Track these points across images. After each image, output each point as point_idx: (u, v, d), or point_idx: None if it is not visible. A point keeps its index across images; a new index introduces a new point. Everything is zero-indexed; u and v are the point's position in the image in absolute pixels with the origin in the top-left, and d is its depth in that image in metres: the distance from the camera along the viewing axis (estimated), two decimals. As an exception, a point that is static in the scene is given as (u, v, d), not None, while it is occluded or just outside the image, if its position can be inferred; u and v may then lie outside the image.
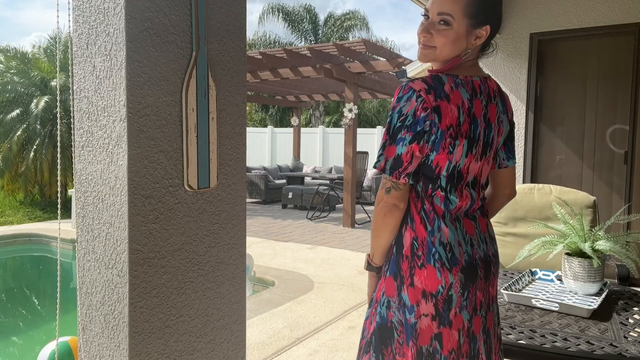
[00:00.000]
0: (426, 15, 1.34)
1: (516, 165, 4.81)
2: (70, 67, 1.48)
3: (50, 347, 2.22)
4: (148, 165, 1.39)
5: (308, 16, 20.64)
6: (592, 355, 1.44)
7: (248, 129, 15.97)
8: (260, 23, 20.45)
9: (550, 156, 4.54)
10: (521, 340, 1.55)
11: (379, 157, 1.33)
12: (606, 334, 1.59)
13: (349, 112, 8.17)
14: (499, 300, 1.92)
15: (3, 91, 10.26)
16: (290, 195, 9.97)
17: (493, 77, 4.67)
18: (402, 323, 1.33)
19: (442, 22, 1.30)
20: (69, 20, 1.47)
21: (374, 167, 1.36)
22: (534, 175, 4.57)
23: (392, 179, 1.30)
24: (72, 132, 1.51)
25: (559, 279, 2.15)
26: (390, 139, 1.30)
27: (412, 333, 1.31)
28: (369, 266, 1.46)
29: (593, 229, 1.99)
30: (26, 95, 10.28)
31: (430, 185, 1.33)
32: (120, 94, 1.34)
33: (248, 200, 11.02)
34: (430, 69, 1.40)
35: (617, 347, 1.49)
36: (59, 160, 1.74)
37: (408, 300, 1.32)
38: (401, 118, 1.28)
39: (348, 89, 8.27)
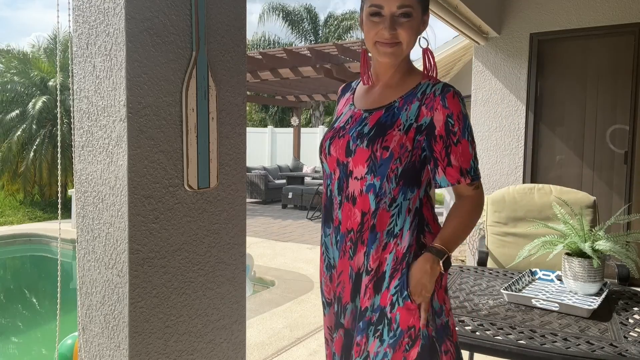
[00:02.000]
0: (377, 13, 1.22)
1: (516, 165, 4.79)
2: (70, 67, 1.48)
3: (69, 340, 2.22)
4: (148, 165, 1.39)
5: (308, 16, 20.64)
6: (592, 355, 1.44)
7: (248, 129, 15.96)
8: (260, 23, 20.47)
9: (550, 156, 4.54)
10: (521, 340, 1.55)
11: (477, 166, 1.27)
12: (606, 334, 1.59)
13: (349, 112, 8.16)
14: (499, 300, 1.92)
15: (3, 91, 10.26)
16: (290, 195, 9.97)
17: (493, 77, 4.69)
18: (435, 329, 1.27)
19: (403, 15, 1.21)
20: (69, 20, 1.47)
21: (475, 180, 1.26)
22: (534, 175, 4.57)
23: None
24: (72, 132, 1.51)
25: (559, 279, 2.15)
26: (473, 144, 1.29)
27: (447, 333, 1.28)
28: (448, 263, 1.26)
29: (593, 229, 1.99)
30: (26, 95, 10.28)
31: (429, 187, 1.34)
32: (120, 94, 1.34)
33: (248, 200, 11.02)
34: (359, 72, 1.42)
35: (617, 347, 1.49)
36: (59, 161, 1.74)
37: (437, 303, 1.27)
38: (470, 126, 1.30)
39: (348, 89, 8.26)
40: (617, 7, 4.15)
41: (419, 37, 1.28)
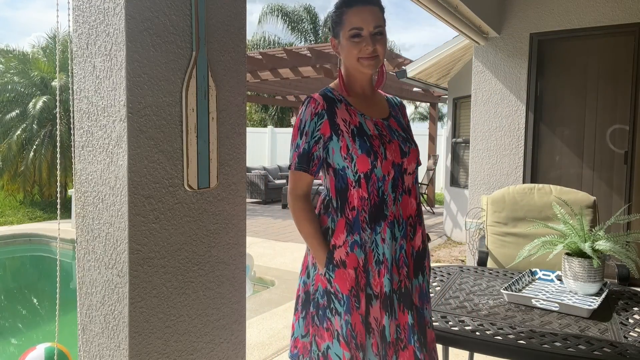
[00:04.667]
0: (358, 34, 1.44)
1: (516, 165, 4.77)
2: (70, 67, 1.48)
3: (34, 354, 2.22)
4: (148, 165, 1.39)
5: (308, 16, 20.63)
6: (592, 355, 1.44)
7: (248, 129, 15.94)
8: (260, 23, 20.44)
9: (550, 156, 4.54)
10: (521, 340, 1.55)
11: None
12: (606, 334, 1.59)
13: (349, 112, 8.15)
14: (499, 300, 1.92)
15: (3, 91, 10.26)
16: (290, 195, 9.94)
17: (493, 77, 4.69)
18: None
19: (378, 33, 1.45)
20: (69, 20, 1.47)
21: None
22: (534, 175, 4.57)
23: None
24: (72, 132, 1.51)
25: (559, 279, 2.15)
26: None
27: None
28: None
29: (593, 229, 1.99)
30: (26, 95, 10.28)
31: None
32: (120, 94, 1.34)
33: (248, 200, 11.01)
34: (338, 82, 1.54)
35: (617, 347, 1.49)
36: (58, 161, 1.75)
37: None
38: None
39: (348, 89, 8.26)
40: (617, 7, 4.15)
41: None
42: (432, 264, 4.54)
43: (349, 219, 1.47)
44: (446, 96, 9.05)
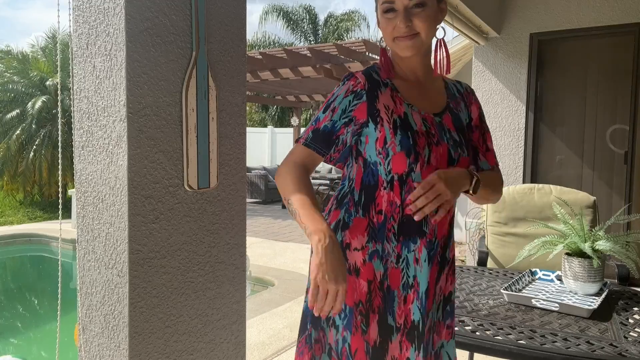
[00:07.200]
0: (391, 9, 1.20)
1: (516, 165, 4.77)
2: (70, 67, 1.48)
3: None
4: (148, 165, 1.39)
5: (308, 16, 20.64)
6: (592, 355, 1.44)
7: (248, 129, 15.90)
8: (260, 23, 20.45)
9: (550, 156, 4.54)
10: (521, 340, 1.55)
11: None
12: (606, 334, 1.59)
13: (349, 112, 8.14)
14: (499, 300, 1.92)
15: (3, 91, 10.27)
16: (290, 195, 9.94)
17: (493, 77, 4.69)
18: None
19: (417, 6, 1.19)
20: (69, 20, 1.47)
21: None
22: (534, 175, 4.57)
23: None
24: (72, 132, 1.51)
25: (559, 279, 2.15)
26: None
27: None
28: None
29: (593, 229, 1.98)
30: (26, 95, 10.29)
31: None
32: (120, 94, 1.34)
33: (248, 200, 11.01)
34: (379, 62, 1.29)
35: (617, 347, 1.49)
36: (60, 161, 1.75)
37: None
38: None
39: (348, 89, 8.26)
40: (617, 7, 4.15)
41: (437, 26, 1.25)
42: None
43: (373, 223, 1.23)
44: (446, 96, 9.02)
